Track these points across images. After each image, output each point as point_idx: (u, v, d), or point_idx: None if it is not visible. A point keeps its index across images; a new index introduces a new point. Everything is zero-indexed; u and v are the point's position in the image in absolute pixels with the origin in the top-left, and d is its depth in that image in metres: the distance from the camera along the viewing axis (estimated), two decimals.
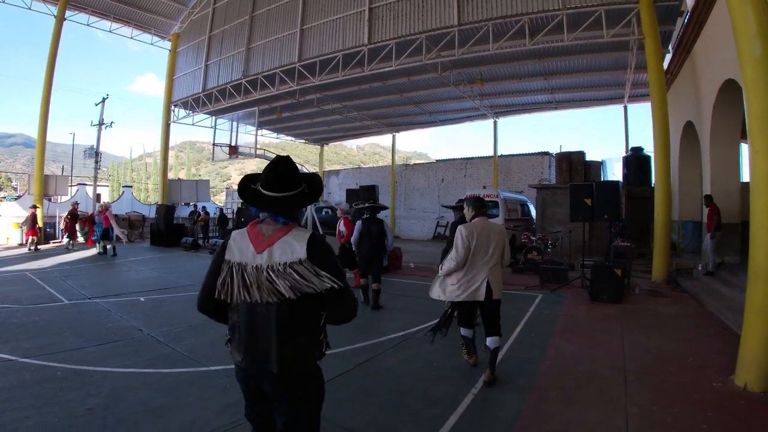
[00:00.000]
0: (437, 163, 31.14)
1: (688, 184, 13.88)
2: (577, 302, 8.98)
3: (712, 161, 10.59)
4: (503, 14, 13.60)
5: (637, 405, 4.18)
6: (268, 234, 2.18)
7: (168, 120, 25.17)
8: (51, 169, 54.16)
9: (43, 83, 20.48)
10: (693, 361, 5.42)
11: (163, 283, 10.73)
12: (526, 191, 22.41)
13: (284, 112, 24.57)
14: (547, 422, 3.89)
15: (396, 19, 15.65)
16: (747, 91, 4.83)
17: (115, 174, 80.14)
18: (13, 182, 65.44)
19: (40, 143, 20.79)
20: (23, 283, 10.22)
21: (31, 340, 5.92)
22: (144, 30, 24.88)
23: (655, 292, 9.93)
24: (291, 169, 2.30)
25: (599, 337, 6.57)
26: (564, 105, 23.50)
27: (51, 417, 3.77)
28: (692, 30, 11.21)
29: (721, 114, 10.14)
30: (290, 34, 18.68)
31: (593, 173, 17.46)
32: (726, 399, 4.34)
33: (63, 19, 20.92)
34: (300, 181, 2.32)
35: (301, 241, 2.14)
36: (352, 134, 32.59)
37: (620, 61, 16.50)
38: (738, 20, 4.88)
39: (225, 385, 4.50)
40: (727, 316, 7.25)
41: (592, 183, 11.07)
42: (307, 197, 2.36)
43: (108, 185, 49.59)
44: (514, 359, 5.53)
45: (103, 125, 26.07)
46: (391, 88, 20.90)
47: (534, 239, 13.98)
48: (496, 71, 18.75)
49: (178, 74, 25.05)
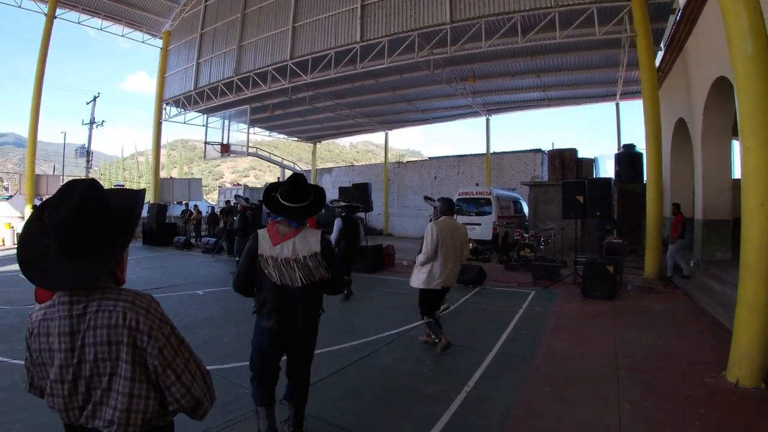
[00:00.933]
0: (430, 161, 31.10)
1: (680, 181, 13.93)
2: (569, 299, 8.99)
3: (704, 158, 10.63)
4: (495, 11, 13.60)
5: (629, 402, 4.19)
6: (283, 233, 3.11)
7: (160, 118, 25.01)
8: (42, 168, 53.87)
9: (34, 82, 20.35)
10: (685, 357, 5.44)
11: (156, 282, 10.66)
12: (518, 188, 22.44)
13: (276, 109, 24.51)
14: (538, 419, 3.89)
15: (388, 17, 15.62)
16: (738, 88, 4.84)
17: (107, 173, 79.76)
18: (4, 182, 64.94)
19: (31, 142, 20.67)
20: (15, 284, 10.12)
21: (23, 341, 5.84)
22: (135, 28, 24.72)
23: (648, 289, 9.96)
24: (303, 186, 3.24)
25: (591, 334, 6.58)
26: (556, 102, 23.56)
27: (43, 419, 3.72)
28: (684, 27, 11.24)
29: (712, 111, 10.18)
30: (282, 31, 18.60)
31: (585, 170, 17.50)
32: (718, 395, 4.35)
33: (54, 16, 20.77)
34: (309, 194, 3.24)
35: (315, 238, 3.15)
36: (345, 132, 32.51)
37: (612, 59, 16.55)
38: (730, 17, 4.88)
39: (218, 386, 4.43)
40: (718, 312, 7.28)
41: (585, 180, 11.11)
42: (313, 207, 3.28)
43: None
44: (506, 356, 5.52)
45: (94, 124, 25.99)
46: (383, 86, 20.88)
47: (526, 236, 14.02)
48: (488, 69, 18.77)
49: (169, 72, 24.90)
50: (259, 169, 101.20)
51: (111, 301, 1.46)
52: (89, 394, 1.45)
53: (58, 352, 1.44)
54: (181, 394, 1.48)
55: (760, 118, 4.59)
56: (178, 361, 1.50)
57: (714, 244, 10.48)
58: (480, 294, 9.57)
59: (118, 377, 1.44)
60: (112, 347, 1.43)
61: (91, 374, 1.44)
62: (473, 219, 16.63)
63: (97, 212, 1.47)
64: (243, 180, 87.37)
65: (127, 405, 1.42)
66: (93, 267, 1.45)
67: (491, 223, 16.22)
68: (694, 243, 11.31)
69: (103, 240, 1.49)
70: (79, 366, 1.44)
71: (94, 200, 1.48)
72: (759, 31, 4.62)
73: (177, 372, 1.48)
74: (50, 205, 1.45)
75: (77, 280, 1.44)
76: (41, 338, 1.51)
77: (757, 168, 4.60)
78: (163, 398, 1.51)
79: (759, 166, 4.59)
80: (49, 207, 1.45)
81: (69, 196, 1.44)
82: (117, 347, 1.43)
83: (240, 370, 4.63)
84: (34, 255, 1.47)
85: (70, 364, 1.43)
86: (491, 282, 10.61)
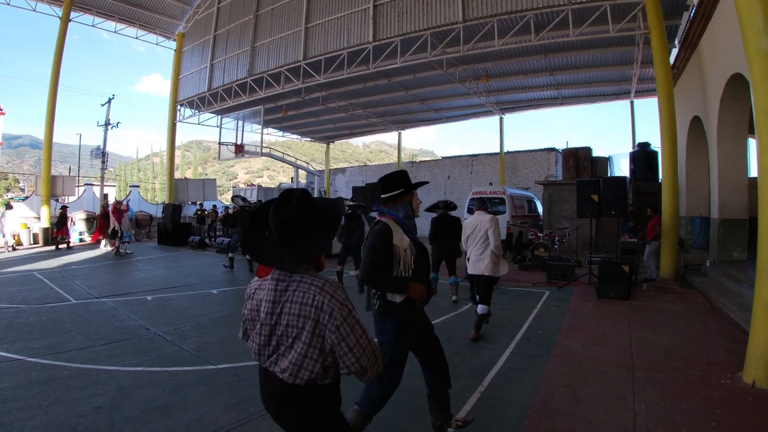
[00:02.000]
0: (443, 160, 31.06)
1: (696, 179, 13.77)
2: (584, 299, 8.94)
3: (719, 156, 10.50)
4: (508, 10, 13.54)
5: (645, 402, 4.16)
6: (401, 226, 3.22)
7: (174, 119, 25.28)
8: (58, 169, 54.57)
9: (49, 84, 20.66)
10: (701, 357, 5.39)
11: (171, 281, 10.77)
12: (532, 188, 22.36)
13: (290, 110, 24.62)
14: (554, 420, 3.88)
15: (400, 16, 15.62)
16: (754, 85, 4.78)
17: (122, 174, 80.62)
18: (21, 183, 65.96)
19: (47, 144, 20.97)
20: (31, 283, 10.29)
21: (38, 339, 5.96)
22: (149, 30, 25.00)
23: (663, 289, 9.88)
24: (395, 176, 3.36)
25: (606, 333, 6.54)
26: (570, 101, 23.44)
27: (57, 416, 3.79)
28: (698, 24, 11.11)
29: (727, 109, 10.05)
30: (295, 32, 18.69)
31: (600, 169, 17.37)
32: (734, 396, 4.31)
33: (68, 20, 21.10)
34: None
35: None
36: (358, 132, 32.59)
37: (626, 56, 16.44)
38: (745, 14, 4.83)
39: (232, 384, 4.51)
40: (735, 312, 7.20)
41: (599, 179, 11.01)
42: (399, 195, 3.30)
43: (115, 185, 49.82)
44: (521, 356, 5.51)
45: (109, 125, 26.22)
46: (396, 86, 20.93)
47: (541, 236, 13.93)
48: (501, 67, 18.73)
49: (183, 74, 25.12)
50: (273, 170, 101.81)
51: (306, 284, 1.96)
52: (277, 347, 2.00)
53: (263, 313, 2.02)
54: (351, 362, 1.91)
55: None
56: (351, 337, 1.91)
57: (730, 243, 10.34)
58: (494, 293, 9.51)
59: (300, 341, 1.94)
60: (301, 319, 1.93)
61: (281, 334, 1.99)
62: None
63: (307, 213, 1.99)
64: (257, 180, 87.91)
65: (300, 362, 1.93)
66: (302, 254, 1.97)
67: (505, 223, 16.14)
68: (710, 242, 11.19)
69: (311, 234, 2.01)
70: (275, 327, 2.00)
71: (305, 205, 2.00)
72: None
73: (349, 345, 1.90)
74: (274, 208, 2.00)
75: (289, 263, 1.99)
76: (254, 301, 2.10)
77: None
78: (332, 364, 1.97)
79: None
80: (273, 209, 2.00)
81: (288, 202, 1.99)
82: (304, 320, 1.93)
83: (253, 369, 4.67)
84: (259, 243, 2.08)
85: (269, 323, 2.00)
86: (505, 281, 10.54)
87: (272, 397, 2.08)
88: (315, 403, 2.02)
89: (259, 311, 2.05)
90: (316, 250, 2.04)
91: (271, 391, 2.07)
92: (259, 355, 2.06)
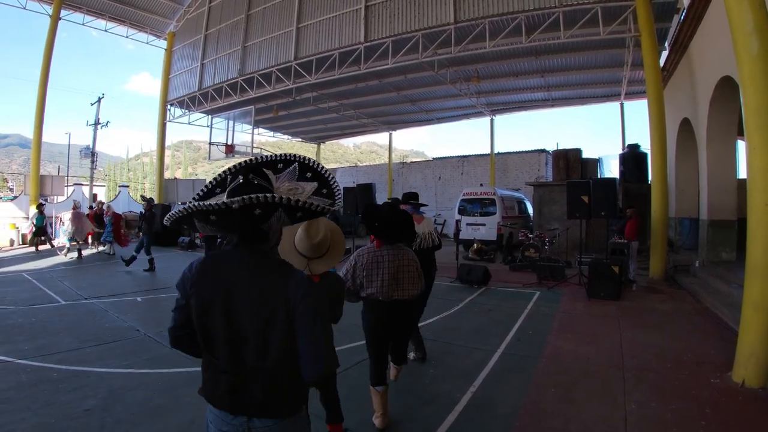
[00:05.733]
0: (434, 161, 31.12)
1: (685, 181, 13.89)
2: (574, 299, 8.99)
3: (709, 158, 10.59)
4: (499, 12, 13.56)
5: (636, 402, 4.19)
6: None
7: (164, 119, 25.04)
8: (47, 169, 53.95)
9: (38, 83, 20.44)
10: (691, 357, 5.44)
11: (161, 282, 10.71)
12: (523, 189, 22.41)
13: (281, 110, 24.50)
14: (545, 420, 3.90)
15: (392, 17, 15.60)
16: (744, 87, 4.83)
17: (112, 174, 79.86)
18: (9, 183, 65.21)
19: (36, 143, 20.74)
20: (19, 284, 10.18)
21: (28, 341, 5.89)
22: (139, 29, 24.76)
23: (653, 289, 9.95)
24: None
25: (597, 334, 6.58)
26: (561, 102, 23.58)
27: (48, 418, 3.75)
28: (689, 27, 11.20)
29: (717, 110, 10.14)
30: (286, 32, 18.60)
31: (590, 170, 17.43)
32: (724, 395, 4.35)
33: (58, 18, 20.87)
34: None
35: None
36: (349, 132, 32.54)
37: (617, 59, 16.53)
38: (735, 17, 4.88)
39: None
40: (724, 312, 7.26)
41: (589, 180, 11.08)
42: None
43: (104, 185, 49.34)
44: (511, 357, 5.53)
45: (98, 125, 25.99)
46: (387, 86, 20.90)
47: (531, 237, 13.98)
48: (492, 69, 18.78)
49: (174, 73, 24.90)
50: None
51: (403, 250, 3.80)
52: (401, 283, 3.70)
53: (386, 265, 3.68)
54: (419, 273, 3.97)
55: (765, 117, 4.58)
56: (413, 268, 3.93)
57: (719, 244, 10.42)
58: (485, 294, 9.57)
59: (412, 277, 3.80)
60: (410, 267, 3.78)
61: (402, 275, 3.71)
62: (478, 219, 16.61)
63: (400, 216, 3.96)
64: None
65: (417, 283, 3.84)
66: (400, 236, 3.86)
67: (496, 224, 16.18)
68: (699, 243, 11.28)
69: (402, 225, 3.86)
70: (397, 272, 3.69)
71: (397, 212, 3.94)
72: (764, 30, 4.61)
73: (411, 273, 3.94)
74: (389, 210, 3.88)
75: (396, 240, 3.82)
76: (374, 259, 3.69)
77: (763, 167, 4.60)
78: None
79: (765, 165, 4.58)
80: (389, 211, 3.86)
81: (395, 209, 3.96)
82: (410, 267, 3.79)
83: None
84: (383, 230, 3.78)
85: (392, 271, 3.67)
86: (496, 282, 10.61)
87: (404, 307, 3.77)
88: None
89: (380, 264, 3.66)
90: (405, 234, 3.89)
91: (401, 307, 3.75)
92: (382, 291, 3.62)
